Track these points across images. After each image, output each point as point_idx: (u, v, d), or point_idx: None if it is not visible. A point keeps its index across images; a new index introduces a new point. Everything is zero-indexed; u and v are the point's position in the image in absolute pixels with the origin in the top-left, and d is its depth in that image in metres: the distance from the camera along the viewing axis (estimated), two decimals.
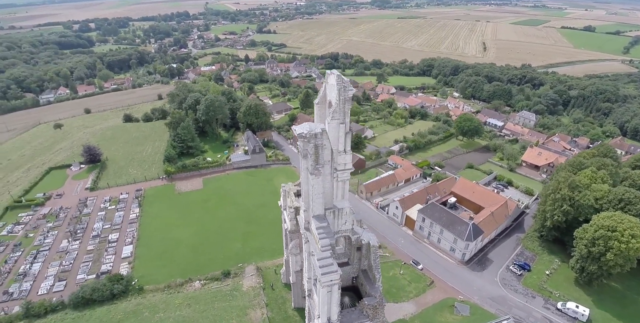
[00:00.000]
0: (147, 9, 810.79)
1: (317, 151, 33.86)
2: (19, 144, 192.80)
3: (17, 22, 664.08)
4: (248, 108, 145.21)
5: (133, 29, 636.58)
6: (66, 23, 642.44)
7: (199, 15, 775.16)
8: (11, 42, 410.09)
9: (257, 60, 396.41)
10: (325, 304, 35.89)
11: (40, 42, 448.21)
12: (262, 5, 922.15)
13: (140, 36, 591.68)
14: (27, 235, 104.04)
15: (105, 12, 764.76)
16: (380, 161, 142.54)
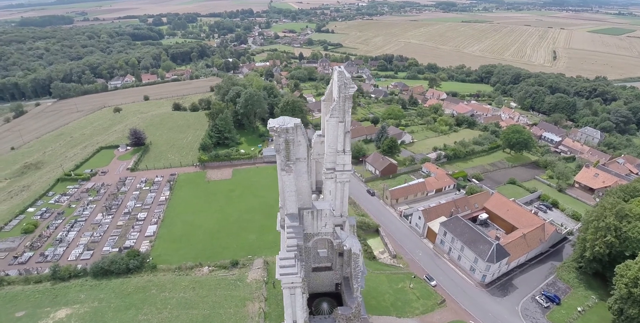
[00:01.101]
0: (215, 5, 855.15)
1: (287, 147, 32.09)
2: (83, 124, 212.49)
3: (101, 15, 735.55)
4: (286, 104, 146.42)
5: (200, 24, 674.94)
6: (142, 17, 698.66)
7: (262, 13, 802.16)
8: (92, 32, 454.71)
9: (310, 59, 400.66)
10: (289, 307, 34.17)
11: (117, 33, 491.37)
12: (324, 5, 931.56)
13: (206, 31, 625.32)
14: (70, 205, 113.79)
15: (178, 8, 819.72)
16: (413, 167, 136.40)
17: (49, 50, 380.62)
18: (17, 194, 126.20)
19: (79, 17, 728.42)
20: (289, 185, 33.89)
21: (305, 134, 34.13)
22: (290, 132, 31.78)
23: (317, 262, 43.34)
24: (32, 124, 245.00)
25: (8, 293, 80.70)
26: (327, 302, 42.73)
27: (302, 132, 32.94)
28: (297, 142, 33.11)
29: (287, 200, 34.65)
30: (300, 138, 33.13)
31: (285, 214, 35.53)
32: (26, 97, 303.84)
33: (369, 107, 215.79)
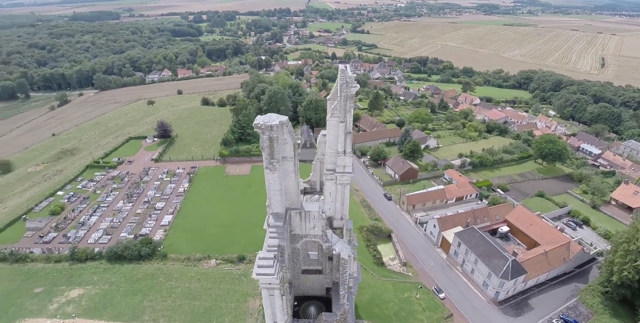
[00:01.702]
0: (254, 4, 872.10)
1: (271, 144, 31.07)
2: (118, 115, 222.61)
3: (145, 11, 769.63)
4: (309, 103, 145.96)
5: (238, 22, 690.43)
6: (183, 14, 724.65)
7: (299, 13, 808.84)
8: (136, 28, 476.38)
9: (343, 59, 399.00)
10: (268, 307, 33.30)
11: (159, 29, 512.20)
12: (362, 5, 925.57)
13: (243, 29, 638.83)
14: (96, 191, 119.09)
15: (218, 6, 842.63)
16: (435, 174, 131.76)
17: (94, 43, 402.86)
18: (50, 178, 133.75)
19: (125, 13, 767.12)
20: (273, 184, 32.96)
21: (293, 132, 32.95)
22: (275, 129, 30.76)
23: (308, 265, 42.16)
24: (73, 113, 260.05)
25: (30, 269, 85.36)
26: (316, 306, 41.44)
27: (289, 131, 31.80)
28: (283, 140, 32.03)
29: (271, 199, 33.75)
30: (286, 136, 32.01)
31: (269, 213, 34.63)
32: (71, 87, 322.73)
33: (396, 109, 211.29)
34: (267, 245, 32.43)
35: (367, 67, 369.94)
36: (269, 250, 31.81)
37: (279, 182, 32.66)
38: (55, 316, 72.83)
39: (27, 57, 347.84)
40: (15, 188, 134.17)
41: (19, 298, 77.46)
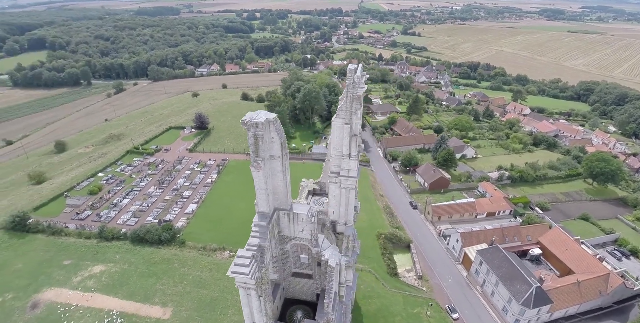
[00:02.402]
0: (306, 3, 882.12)
1: (256, 142, 30.04)
2: (165, 105, 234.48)
3: (203, 8, 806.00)
4: None
5: (289, 20, 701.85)
6: (238, 11, 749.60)
7: (350, 13, 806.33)
8: (192, 23, 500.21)
9: (389, 61, 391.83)
10: (245, 306, 32.51)
11: (213, 24, 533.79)
12: (415, 7, 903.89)
13: (294, 27, 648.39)
14: (132, 175, 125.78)
15: (272, 4, 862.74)
16: (468, 185, 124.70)
17: (153, 37, 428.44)
18: (95, 159, 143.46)
19: (185, 9, 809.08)
20: (258, 182, 32.02)
21: (282, 131, 31.72)
22: (260, 127, 29.75)
23: (298, 268, 40.85)
24: (127, 101, 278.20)
25: (63, 242, 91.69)
26: (303, 310, 40.02)
27: (276, 129, 30.61)
28: (270, 138, 30.94)
29: (257, 197, 32.89)
30: (273, 134, 30.86)
31: (257, 212, 33.80)
32: (128, 77, 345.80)
33: (436, 115, 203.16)
34: (248, 244, 31.61)
35: (413, 69, 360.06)
36: (248, 249, 31.02)
37: (265, 181, 31.68)
38: (77, 288, 77.55)
39: (92, 47, 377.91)
40: (64, 167, 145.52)
41: (49, 268, 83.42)
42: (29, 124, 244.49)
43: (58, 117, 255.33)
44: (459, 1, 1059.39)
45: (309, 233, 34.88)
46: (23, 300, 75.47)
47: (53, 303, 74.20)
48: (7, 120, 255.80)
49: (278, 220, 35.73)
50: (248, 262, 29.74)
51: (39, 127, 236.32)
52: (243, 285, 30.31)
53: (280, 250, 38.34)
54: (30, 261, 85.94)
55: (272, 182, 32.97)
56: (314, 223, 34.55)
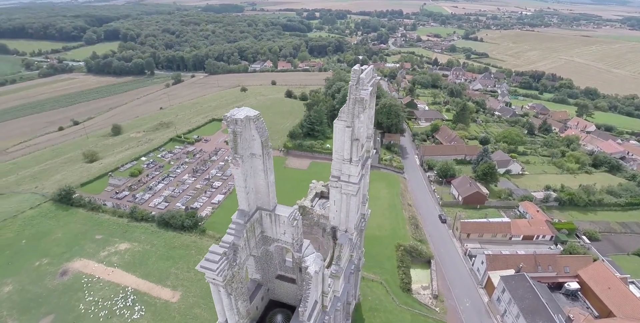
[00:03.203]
0: (367, 4, 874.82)
1: (235, 139, 29.19)
2: (214, 98, 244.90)
3: (266, 6, 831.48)
4: (382, 106, 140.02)
5: (348, 21, 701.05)
6: (299, 10, 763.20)
7: (411, 15, 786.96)
8: (252, 21, 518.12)
9: (445, 66, 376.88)
10: (217, 303, 32.00)
11: (272, 22, 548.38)
12: (481, 11, 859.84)
13: (351, 28, 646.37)
14: (170, 162, 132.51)
15: (333, 4, 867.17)
16: (508, 203, 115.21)
17: (214, 32, 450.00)
18: (142, 144, 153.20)
19: (248, 7, 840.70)
20: (237, 179, 31.25)
21: (264, 129, 30.52)
22: (239, 124, 28.87)
23: (284, 271, 39.61)
24: (182, 91, 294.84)
25: (99, 218, 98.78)
26: (284, 315, 38.70)
27: (257, 127, 29.48)
28: (250, 136, 29.93)
29: (237, 195, 32.19)
30: (253, 132, 29.80)
31: (238, 209, 33.15)
32: (187, 69, 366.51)
33: (485, 125, 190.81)
34: (222, 240, 31.14)
35: (469, 76, 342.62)
36: (221, 245, 30.50)
37: (243, 178, 30.86)
38: (102, 262, 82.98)
39: (158, 40, 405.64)
40: (115, 149, 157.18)
41: (83, 240, 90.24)
42: (96, 107, 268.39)
43: (120, 103, 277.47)
44: (530, 6, 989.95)
45: (290, 237, 33.51)
46: (56, 266, 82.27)
47: (79, 273, 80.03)
48: (79, 102, 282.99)
49: (261, 220, 34.79)
50: (218, 259, 29.21)
51: (102, 111, 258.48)
52: (212, 281, 29.90)
53: (263, 251, 37.36)
54: (69, 232, 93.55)
55: (253, 180, 32.11)
56: (296, 227, 33.07)
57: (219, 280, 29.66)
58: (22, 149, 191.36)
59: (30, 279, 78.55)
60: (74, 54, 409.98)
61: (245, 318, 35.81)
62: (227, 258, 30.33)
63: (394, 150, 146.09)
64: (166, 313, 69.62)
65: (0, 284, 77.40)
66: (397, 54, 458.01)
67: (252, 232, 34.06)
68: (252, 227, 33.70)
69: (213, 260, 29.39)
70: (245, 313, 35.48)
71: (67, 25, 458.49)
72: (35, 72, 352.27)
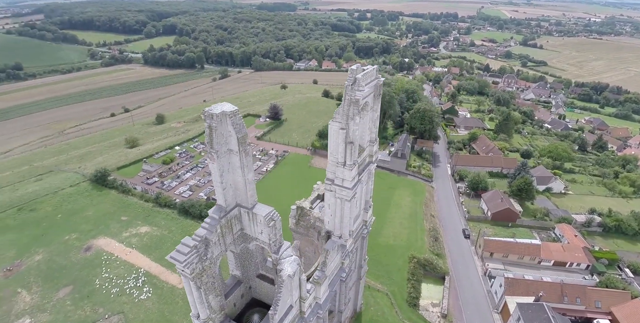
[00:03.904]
0: (421, 6, 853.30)
1: (210, 133, 28.72)
2: (255, 94, 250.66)
3: (318, 6, 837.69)
4: (416, 111, 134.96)
5: (399, 23, 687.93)
6: (350, 10, 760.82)
7: (466, 18, 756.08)
8: (302, 20, 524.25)
9: (496, 73, 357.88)
10: (189, 294, 32.00)
11: (322, 22, 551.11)
12: (544, 16, 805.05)
13: (402, 30, 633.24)
14: (201, 152, 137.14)
15: (385, 5, 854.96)
16: (543, 224, 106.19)
17: (264, 30, 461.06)
18: (179, 134, 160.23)
19: (301, 6, 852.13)
20: (213, 174, 30.95)
21: (241, 125, 29.77)
22: (214, 118, 28.43)
23: (265, 270, 38.89)
24: (227, 86, 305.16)
25: (128, 201, 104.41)
26: (262, 315, 37.92)
27: (233, 123, 28.77)
28: (227, 132, 29.32)
29: (215, 189, 31.95)
30: (229, 128, 29.16)
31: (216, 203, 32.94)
32: (235, 65, 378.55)
33: (531, 137, 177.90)
34: (195, 233, 31.07)
35: (522, 85, 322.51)
36: (193, 238, 30.36)
37: (219, 174, 30.46)
38: (122, 242, 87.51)
39: (211, 36, 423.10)
40: (155, 137, 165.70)
41: (109, 220, 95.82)
42: (146, 97, 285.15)
43: (169, 94, 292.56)
44: (600, 12, 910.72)
45: (267, 237, 32.67)
46: (82, 241, 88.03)
47: (101, 250, 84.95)
48: (132, 91, 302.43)
49: (240, 217, 34.25)
50: (187, 251, 29.14)
51: (152, 101, 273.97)
52: (181, 272, 29.83)
53: (243, 248, 36.86)
54: (99, 211, 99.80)
55: (231, 176, 31.69)
56: (273, 227, 32.12)
57: (187, 272, 29.56)
58: (77, 131, 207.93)
59: (58, 251, 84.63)
60: (134, 46, 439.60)
61: (218, 313, 35.57)
62: (198, 252, 30.12)
63: (425, 157, 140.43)
64: (171, 298, 71.73)
65: (33, 253, 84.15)
66: (447, 58, 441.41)
67: (229, 228, 33.64)
68: (228, 223, 33.27)
69: (182, 252, 29.33)
70: (218, 308, 35.23)
71: (130, 19, 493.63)
72: (99, 61, 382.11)
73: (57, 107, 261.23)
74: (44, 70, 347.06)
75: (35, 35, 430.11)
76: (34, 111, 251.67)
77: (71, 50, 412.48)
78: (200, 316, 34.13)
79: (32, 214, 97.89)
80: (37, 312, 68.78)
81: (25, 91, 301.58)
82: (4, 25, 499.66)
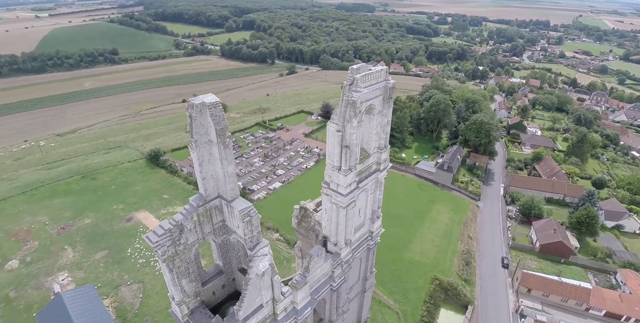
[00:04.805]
0: (508, 12, 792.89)
1: (190, 123, 28.89)
2: (316, 91, 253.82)
3: (398, 8, 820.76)
4: (472, 123, 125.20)
5: (481, 28, 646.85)
6: (430, 14, 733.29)
7: (559, 27, 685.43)
8: (377, 21, 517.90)
9: (584, 89, 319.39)
10: (165, 275, 33.05)
11: (397, 24, 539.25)
12: None
13: (483, 36, 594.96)
14: (249, 144, 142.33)
15: (469, 10, 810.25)
16: (602, 266, 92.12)
17: (337, 29, 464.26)
18: (234, 124, 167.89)
19: (380, 7, 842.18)
20: (194, 163, 31.40)
21: (221, 118, 29.49)
22: (194, 108, 28.70)
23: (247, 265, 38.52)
24: (291, 82, 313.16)
25: (173, 181, 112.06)
26: None
27: (212, 114, 28.63)
28: (207, 123, 29.35)
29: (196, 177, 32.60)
30: (209, 119, 29.13)
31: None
32: (303, 62, 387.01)
33: (610, 165, 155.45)
34: (172, 217, 32.05)
35: (614, 104, 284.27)
36: (170, 222, 31.25)
37: (199, 163, 31.02)
38: (159, 217, 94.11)
39: (285, 32, 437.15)
40: None
41: (153, 196, 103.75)
42: (216, 87, 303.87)
43: (237, 86, 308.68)
44: None
45: (242, 232, 32.32)
46: (126, 212, 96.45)
47: (139, 223, 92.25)
48: (206, 81, 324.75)
49: (221, 208, 34.36)
50: (161, 233, 30.07)
51: (220, 91, 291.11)
52: (156, 253, 30.83)
53: (225, 239, 36.98)
54: (146, 187, 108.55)
55: (212, 167, 32.06)
56: (248, 223, 31.63)
57: (159, 253, 30.42)
58: (151, 113, 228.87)
59: (104, 218, 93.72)
60: (214, 39, 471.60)
61: (192, 298, 36.25)
62: (171, 236, 30.84)
63: (477, 173, 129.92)
64: None
65: (84, 216, 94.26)
66: (530, 69, 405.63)
67: (209, 218, 33.97)
68: (208, 212, 33.59)
69: (157, 233, 30.37)
70: (192, 294, 35.88)
71: (214, 13, 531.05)
72: (182, 51, 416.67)
73: (139, 90, 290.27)
74: (135, 56, 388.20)
75: (132, 24, 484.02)
76: (120, 92, 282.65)
77: (160, 40, 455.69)
78: (175, 298, 35.00)
79: (92, 182, 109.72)
80: (74, 269, 76.80)
81: (117, 74, 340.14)
82: (110, 15, 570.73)
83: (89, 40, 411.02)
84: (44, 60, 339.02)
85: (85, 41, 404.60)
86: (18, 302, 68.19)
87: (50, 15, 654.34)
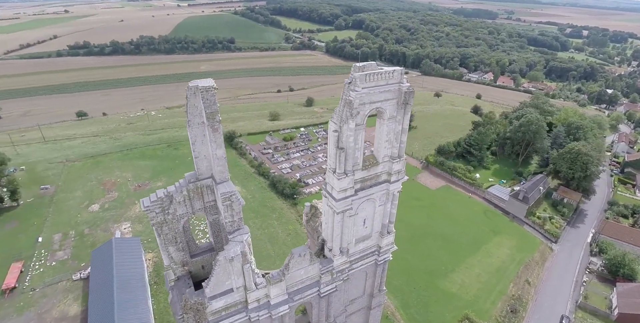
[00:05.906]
0: None
1: (187, 103, 30.48)
2: None
3: (525, 16, 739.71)
4: (566, 151, 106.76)
5: (626, 46, 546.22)
6: (563, 25, 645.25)
7: None
8: (494, 28, 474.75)
9: None
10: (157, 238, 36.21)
11: (518, 34, 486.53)
12: None
13: (625, 55, 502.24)
14: (319, 138, 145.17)
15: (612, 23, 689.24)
16: None
17: (448, 35, 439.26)
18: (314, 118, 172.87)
19: (504, 14, 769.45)
20: (190, 139, 33.14)
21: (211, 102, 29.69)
22: (189, 90, 30.03)
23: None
24: None
25: (238, 162, 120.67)
26: None
27: (204, 98, 29.09)
28: (200, 105, 30.54)
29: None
30: (200, 103, 30.24)
31: None
32: (405, 65, 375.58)
33: None
34: (167, 188, 34.80)
35: None
36: (164, 192, 33.99)
37: (192, 142, 32.77)
38: None
39: (392, 34, 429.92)
40: (295, 116, 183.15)
41: None
42: (312, 81, 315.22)
43: (332, 82, 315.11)
44: None
45: (223, 215, 33.50)
46: None
47: None
48: (305, 74, 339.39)
49: (213, 188, 35.85)
50: (153, 199, 33.04)
51: (315, 85, 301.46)
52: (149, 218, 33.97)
53: (216, 219, 38.47)
54: None
55: (205, 148, 33.60)
56: (228, 207, 32.57)
57: (150, 217, 33.44)
58: (247, 98, 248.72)
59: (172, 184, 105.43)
60: (322, 36, 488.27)
61: (179, 266, 38.89)
62: (162, 204, 33.51)
63: (562, 210, 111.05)
64: None
65: (158, 180, 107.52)
66: None
67: (199, 195, 35.79)
68: (198, 189, 35.38)
69: (151, 199, 33.32)
70: (179, 262, 38.52)
71: (326, 11, 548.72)
72: (290, 45, 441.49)
73: (244, 77, 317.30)
74: (249, 46, 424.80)
75: (251, 17, 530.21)
76: (227, 77, 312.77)
77: (273, 33, 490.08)
78: (164, 262, 37.93)
79: (173, 152, 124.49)
80: (136, 222, 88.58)
81: (230, 60, 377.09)
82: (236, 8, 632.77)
83: (213, 28, 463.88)
84: (174, 43, 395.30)
85: (209, 29, 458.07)
86: (88, 238, 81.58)
87: (189, 5, 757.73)
